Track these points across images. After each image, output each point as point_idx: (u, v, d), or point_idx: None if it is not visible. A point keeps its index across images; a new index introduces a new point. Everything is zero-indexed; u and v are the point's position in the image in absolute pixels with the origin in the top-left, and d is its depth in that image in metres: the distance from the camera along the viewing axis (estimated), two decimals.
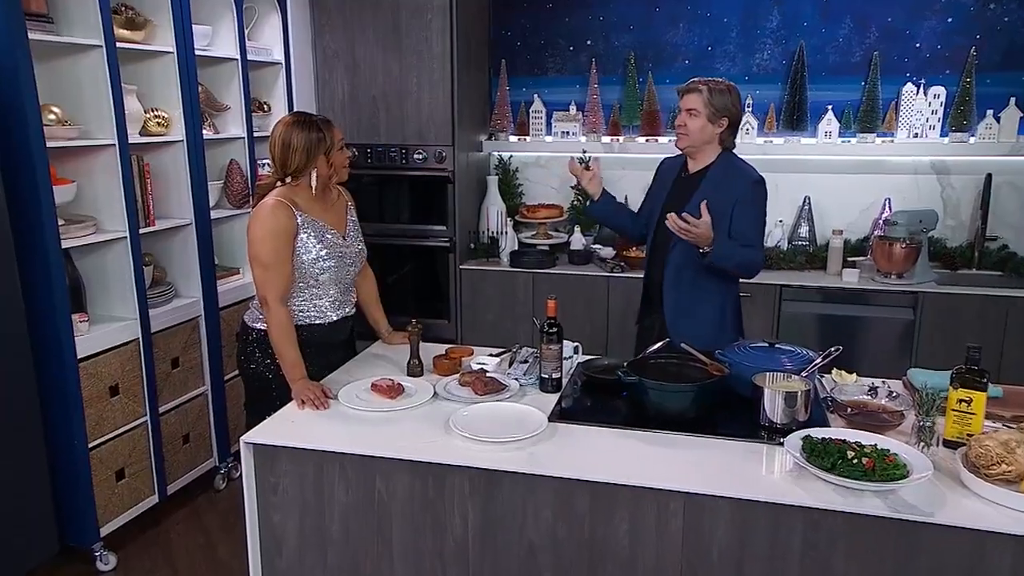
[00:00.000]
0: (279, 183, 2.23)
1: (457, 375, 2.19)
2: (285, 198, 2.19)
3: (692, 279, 2.42)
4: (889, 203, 3.73)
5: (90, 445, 2.64)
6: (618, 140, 4.00)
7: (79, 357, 2.58)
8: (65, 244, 2.53)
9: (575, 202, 4.09)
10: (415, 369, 2.24)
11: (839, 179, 3.82)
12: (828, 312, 3.47)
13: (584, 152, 3.89)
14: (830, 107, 3.69)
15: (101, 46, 2.58)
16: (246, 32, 3.38)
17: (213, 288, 3.21)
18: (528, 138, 4.14)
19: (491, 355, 2.37)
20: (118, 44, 2.66)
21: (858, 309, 3.44)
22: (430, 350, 2.35)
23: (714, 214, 2.30)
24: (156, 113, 2.96)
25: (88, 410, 2.62)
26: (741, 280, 2.52)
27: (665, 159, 2.63)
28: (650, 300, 2.56)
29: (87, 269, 2.77)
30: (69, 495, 2.63)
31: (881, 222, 3.68)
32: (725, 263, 2.33)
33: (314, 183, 2.20)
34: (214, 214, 3.25)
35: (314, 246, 2.21)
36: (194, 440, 3.15)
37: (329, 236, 2.25)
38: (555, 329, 2.06)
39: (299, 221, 2.19)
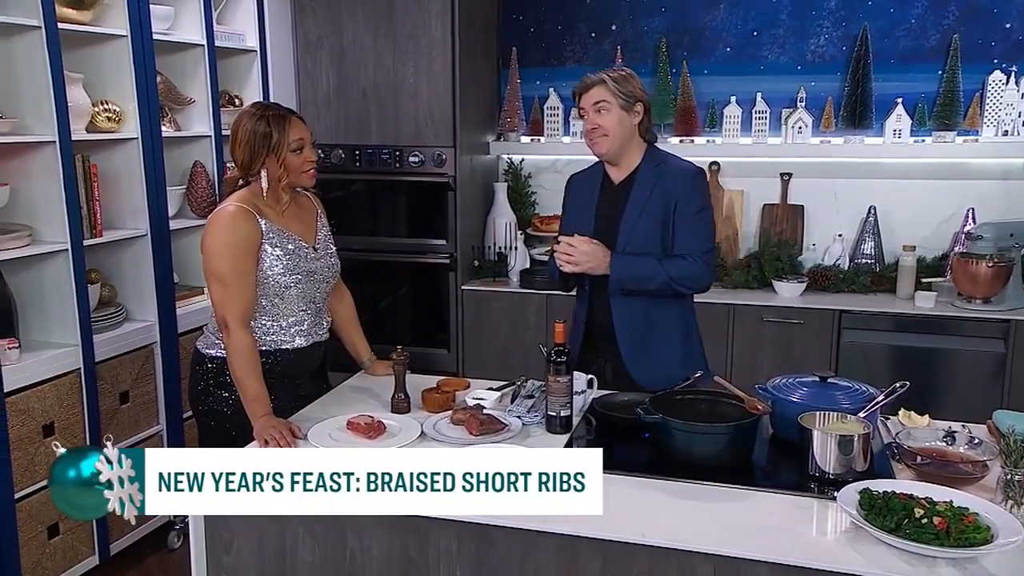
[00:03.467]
0: (241, 182, 2.25)
1: (449, 412, 2.16)
2: (247, 203, 2.19)
3: (644, 308, 2.39)
4: (972, 214, 3.67)
5: (17, 495, 2.62)
6: None
7: (6, 390, 2.57)
8: None
9: None
10: (400, 405, 2.22)
11: (911, 186, 3.78)
12: (898, 343, 3.42)
13: None
14: (900, 101, 3.67)
15: (40, 27, 2.62)
16: (214, 14, 3.43)
17: (171, 310, 3.22)
18: (542, 139, 4.15)
19: (490, 389, 2.35)
20: (61, 25, 2.69)
21: (935, 340, 3.39)
22: (421, 383, 2.33)
23: (652, 221, 2.32)
24: (106, 106, 2.99)
25: (16, 453, 2.61)
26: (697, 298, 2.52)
27: (573, 176, 2.60)
28: (594, 341, 2.49)
29: (20, 287, 2.79)
30: None
31: (963, 236, 3.63)
32: (634, 285, 2.32)
33: (264, 185, 2.21)
34: (174, 224, 3.28)
35: (279, 259, 2.21)
36: None
37: (296, 248, 2.25)
38: (564, 358, 2.03)
39: (263, 230, 2.19)
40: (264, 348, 2.23)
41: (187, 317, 3.29)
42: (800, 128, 3.75)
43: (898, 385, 1.95)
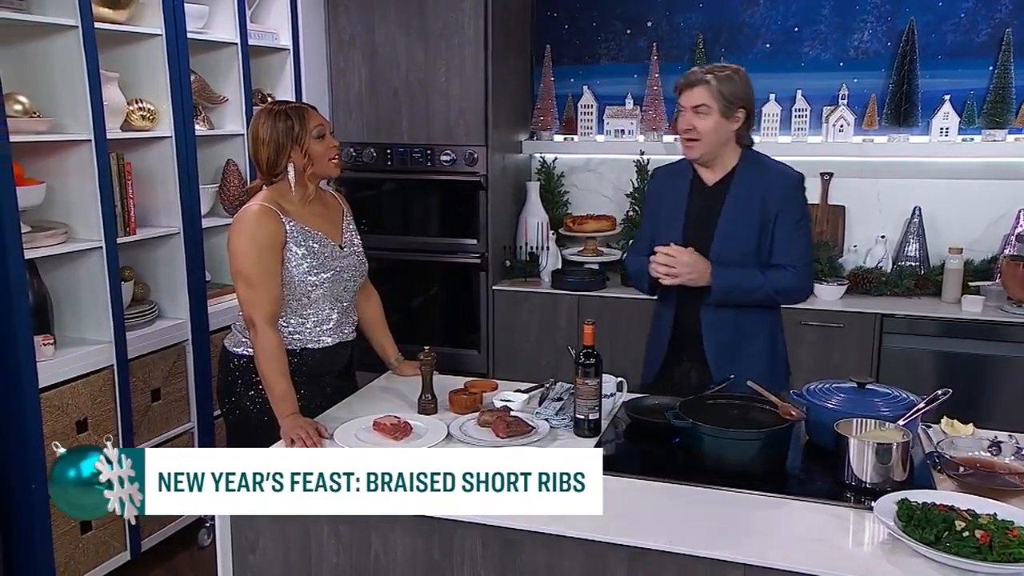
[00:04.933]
0: (265, 186, 2.28)
1: (476, 413, 2.16)
2: (271, 203, 2.22)
3: (733, 319, 2.32)
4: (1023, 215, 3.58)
5: None
6: None
7: (41, 386, 2.62)
8: (30, 254, 2.59)
9: (631, 213, 4.05)
10: (427, 406, 2.22)
11: (958, 186, 3.71)
12: (943, 349, 3.35)
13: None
14: (947, 98, 3.60)
15: (77, 27, 2.66)
16: (248, 13, 3.47)
17: (203, 308, 3.26)
18: (576, 137, 4.14)
19: (518, 391, 2.34)
20: (97, 24, 2.74)
21: (982, 346, 3.31)
22: (448, 384, 2.34)
23: (748, 229, 2.24)
24: (140, 105, 3.03)
25: (50, 448, 2.64)
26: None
27: (657, 171, 2.52)
28: (681, 345, 2.43)
29: (55, 284, 2.84)
30: (23, 550, 2.65)
31: (1013, 239, 3.56)
32: (736, 297, 2.25)
33: (292, 179, 2.23)
34: (206, 223, 3.32)
35: (304, 258, 2.24)
36: None
37: (322, 247, 2.28)
38: (592, 360, 2.02)
39: (287, 229, 2.21)
40: (290, 347, 2.25)
41: (218, 315, 3.32)
42: (841, 126, 3.70)
43: (940, 392, 1.91)
